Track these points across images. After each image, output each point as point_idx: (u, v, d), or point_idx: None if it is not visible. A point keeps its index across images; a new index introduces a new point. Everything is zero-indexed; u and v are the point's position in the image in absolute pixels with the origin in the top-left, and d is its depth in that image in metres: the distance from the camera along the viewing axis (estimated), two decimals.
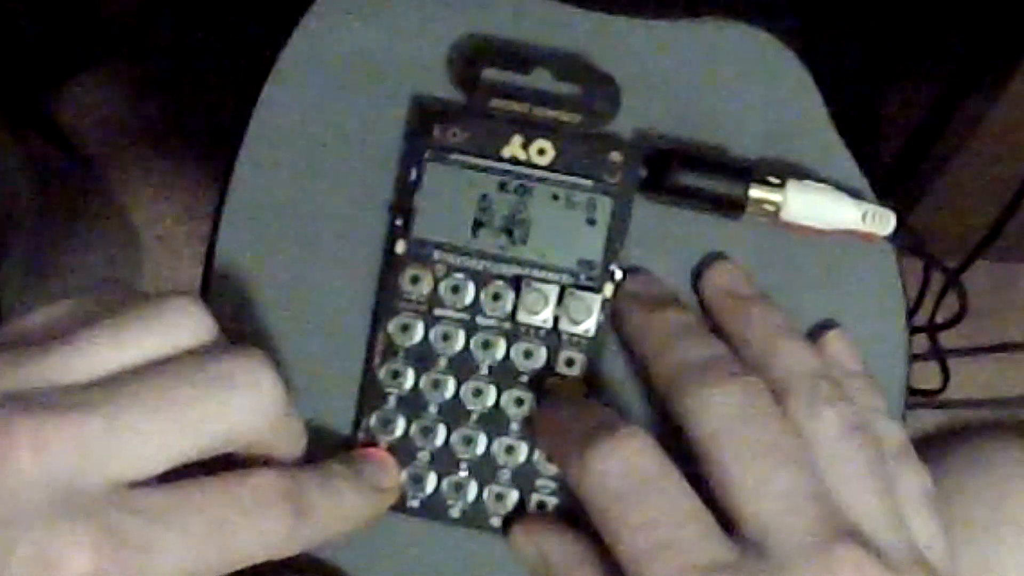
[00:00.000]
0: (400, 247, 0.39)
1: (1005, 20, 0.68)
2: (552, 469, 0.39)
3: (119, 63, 0.99)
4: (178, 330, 0.33)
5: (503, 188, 0.39)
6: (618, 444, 0.34)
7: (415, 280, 0.39)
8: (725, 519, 0.34)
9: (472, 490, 0.39)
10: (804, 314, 0.40)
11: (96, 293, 0.34)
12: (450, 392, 0.39)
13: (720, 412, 0.35)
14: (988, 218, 0.75)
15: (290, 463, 0.35)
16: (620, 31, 0.41)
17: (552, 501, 0.39)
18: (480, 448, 0.39)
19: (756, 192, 0.39)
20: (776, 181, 0.39)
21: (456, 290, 0.39)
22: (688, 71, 0.41)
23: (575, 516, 0.37)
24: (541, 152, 0.39)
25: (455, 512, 0.39)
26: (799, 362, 0.37)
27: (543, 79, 0.40)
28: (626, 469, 0.34)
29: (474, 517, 0.39)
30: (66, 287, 0.86)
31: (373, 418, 0.39)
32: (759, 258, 0.40)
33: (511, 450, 0.39)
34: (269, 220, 0.40)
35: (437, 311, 0.39)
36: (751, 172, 0.39)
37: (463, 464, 0.39)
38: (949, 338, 0.58)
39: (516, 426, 0.39)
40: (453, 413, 0.39)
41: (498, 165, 0.39)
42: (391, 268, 0.39)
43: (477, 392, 0.39)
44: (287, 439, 0.35)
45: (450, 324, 0.39)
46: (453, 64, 0.41)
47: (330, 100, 0.41)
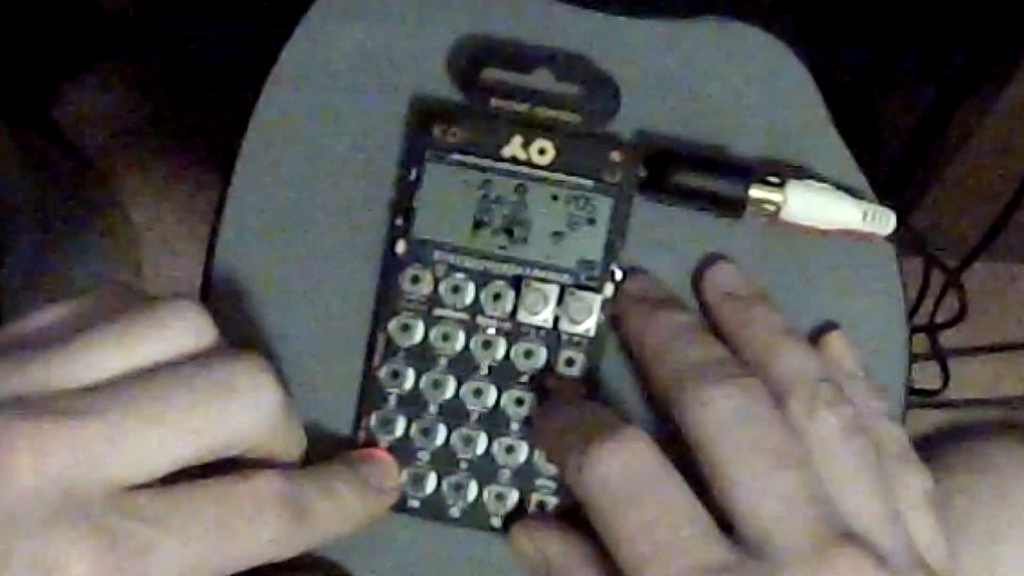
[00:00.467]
0: (400, 247, 0.39)
1: (1005, 20, 0.68)
2: (552, 469, 0.39)
3: (119, 63, 0.99)
4: (178, 334, 0.33)
5: (503, 188, 0.39)
6: (618, 445, 0.34)
7: (415, 280, 0.39)
8: (724, 520, 0.34)
9: (472, 490, 0.39)
10: (804, 314, 0.40)
11: (96, 293, 0.34)
12: (450, 392, 0.39)
13: (719, 413, 0.35)
14: (988, 218, 0.75)
15: (290, 466, 0.35)
16: (620, 31, 0.41)
17: (552, 501, 0.39)
18: (480, 448, 0.39)
19: (756, 192, 0.39)
20: (776, 181, 0.39)
21: (456, 290, 0.39)
22: (688, 71, 0.41)
23: (575, 516, 0.37)
24: (541, 152, 0.39)
25: (455, 512, 0.39)
26: (799, 364, 0.37)
27: (543, 79, 0.40)
28: (625, 470, 0.34)
29: (474, 517, 0.39)
30: (66, 287, 0.86)
31: (373, 418, 0.39)
32: (759, 258, 0.40)
33: (511, 450, 0.39)
34: (269, 220, 0.40)
35: (437, 311, 0.39)
36: (751, 172, 0.39)
37: (463, 464, 0.39)
38: (949, 338, 0.58)
39: (516, 426, 0.39)
40: (453, 413, 0.39)
41: (498, 165, 0.39)
42: (391, 268, 0.39)
43: (477, 392, 0.39)
44: (287, 443, 0.35)
45: (450, 324, 0.39)
46: (453, 64, 0.41)
47: (330, 100, 0.41)
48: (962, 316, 0.50)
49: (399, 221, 0.39)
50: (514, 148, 0.39)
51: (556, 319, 0.39)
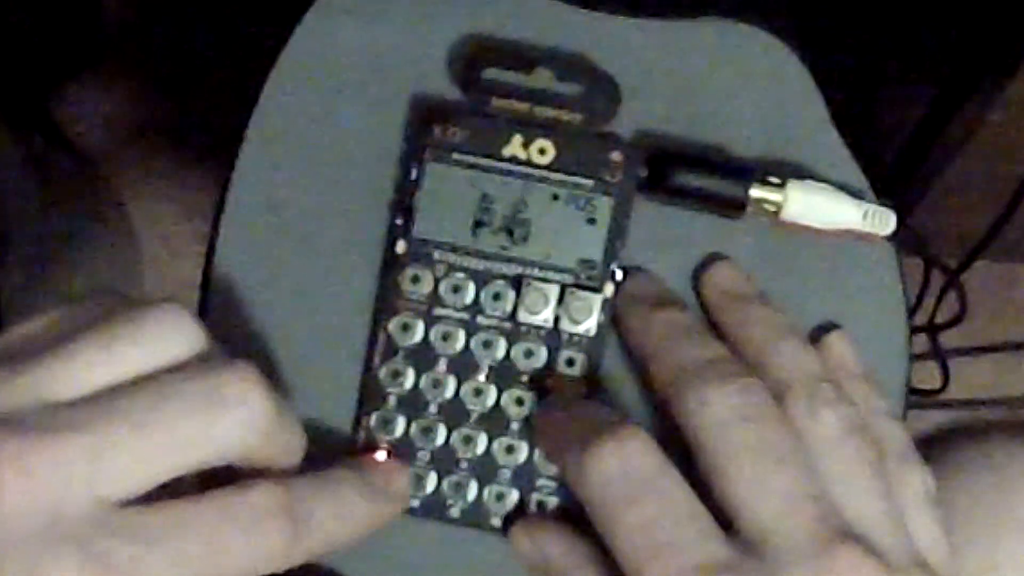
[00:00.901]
0: (400, 247, 0.39)
1: (1005, 20, 0.68)
2: (552, 469, 0.39)
3: (119, 63, 0.99)
4: (166, 342, 0.32)
5: (504, 187, 0.39)
6: (617, 444, 0.34)
7: (415, 280, 0.39)
8: (724, 519, 0.34)
9: (472, 490, 0.39)
10: (804, 314, 0.40)
11: (84, 302, 0.33)
12: (450, 392, 0.39)
13: (719, 412, 0.35)
14: (988, 218, 0.75)
15: (288, 471, 0.35)
16: (620, 31, 0.41)
17: (552, 501, 0.39)
18: (480, 448, 0.39)
19: (756, 192, 0.39)
20: (776, 181, 0.39)
21: (456, 290, 0.39)
22: (688, 71, 0.41)
23: (575, 516, 0.37)
24: (541, 152, 0.39)
25: (455, 512, 0.39)
26: (799, 363, 0.37)
27: (543, 79, 0.40)
28: (625, 469, 0.34)
29: (474, 517, 0.39)
30: (66, 287, 0.86)
31: (373, 418, 0.39)
32: (759, 258, 0.40)
33: (511, 450, 0.39)
34: (269, 220, 0.40)
35: (437, 311, 0.39)
36: (751, 172, 0.39)
37: (463, 464, 0.39)
38: (949, 338, 0.58)
39: (516, 426, 0.39)
40: (453, 413, 0.39)
41: (498, 165, 0.39)
42: (391, 268, 0.39)
43: (477, 392, 0.39)
44: (283, 450, 0.34)
45: (450, 324, 0.39)
46: (453, 64, 0.41)
47: (330, 100, 0.41)
48: (962, 316, 0.50)
49: (399, 221, 0.39)
50: (514, 148, 0.39)
51: (556, 319, 0.39)
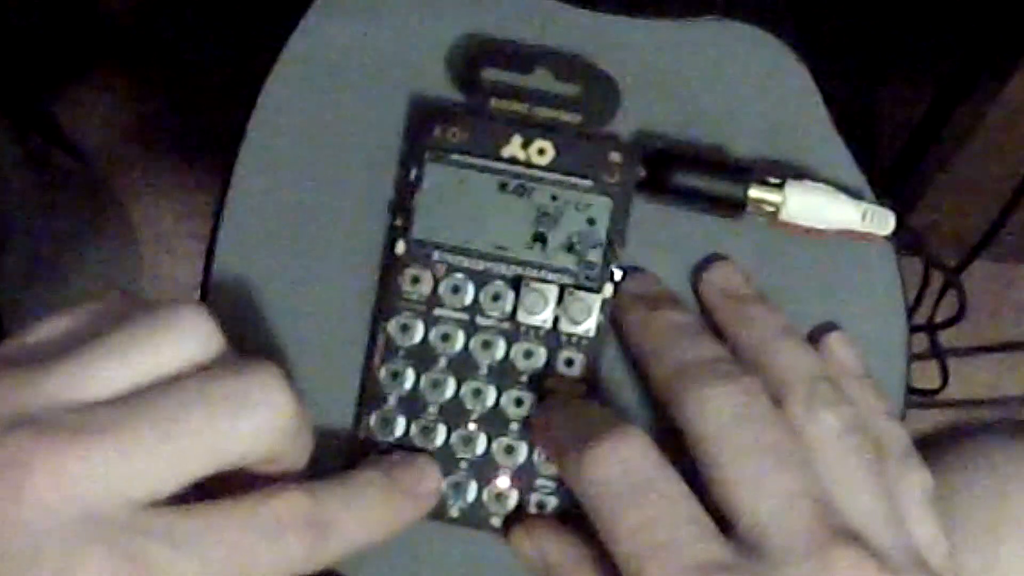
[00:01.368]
0: (400, 247, 0.39)
1: (1004, 20, 0.68)
2: (551, 469, 0.39)
3: (119, 63, 0.99)
4: (187, 343, 0.32)
5: (503, 188, 0.39)
6: (616, 445, 0.34)
7: (415, 280, 0.39)
8: (723, 520, 0.34)
9: (472, 490, 0.39)
10: (804, 314, 0.40)
11: (99, 301, 0.34)
12: (450, 392, 0.39)
13: (718, 413, 0.35)
14: (988, 218, 0.75)
15: (299, 468, 0.35)
16: (620, 31, 0.41)
17: (552, 501, 0.39)
18: (480, 448, 0.39)
19: (756, 192, 0.39)
20: (775, 181, 0.39)
21: (456, 290, 0.39)
22: (688, 71, 0.41)
23: (575, 516, 0.37)
24: (541, 152, 0.39)
25: (455, 512, 0.39)
26: (798, 363, 0.37)
27: (543, 79, 0.40)
28: (624, 470, 0.34)
29: (474, 517, 0.39)
30: (67, 287, 0.86)
31: (373, 418, 0.39)
32: (759, 258, 0.40)
33: (511, 450, 0.39)
34: (269, 220, 0.40)
35: (437, 311, 0.39)
36: (751, 172, 0.39)
37: (463, 464, 0.39)
38: (949, 338, 0.59)
39: (516, 426, 0.39)
40: (453, 413, 0.39)
41: (498, 165, 0.39)
42: (391, 268, 0.39)
43: (477, 392, 0.39)
44: (298, 450, 0.34)
45: (450, 324, 0.39)
46: (453, 64, 0.41)
47: (330, 100, 0.41)
48: (961, 316, 0.50)
49: (399, 221, 0.39)
50: (514, 148, 0.39)
51: (556, 319, 0.39)
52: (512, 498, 0.39)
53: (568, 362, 0.39)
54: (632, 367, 0.39)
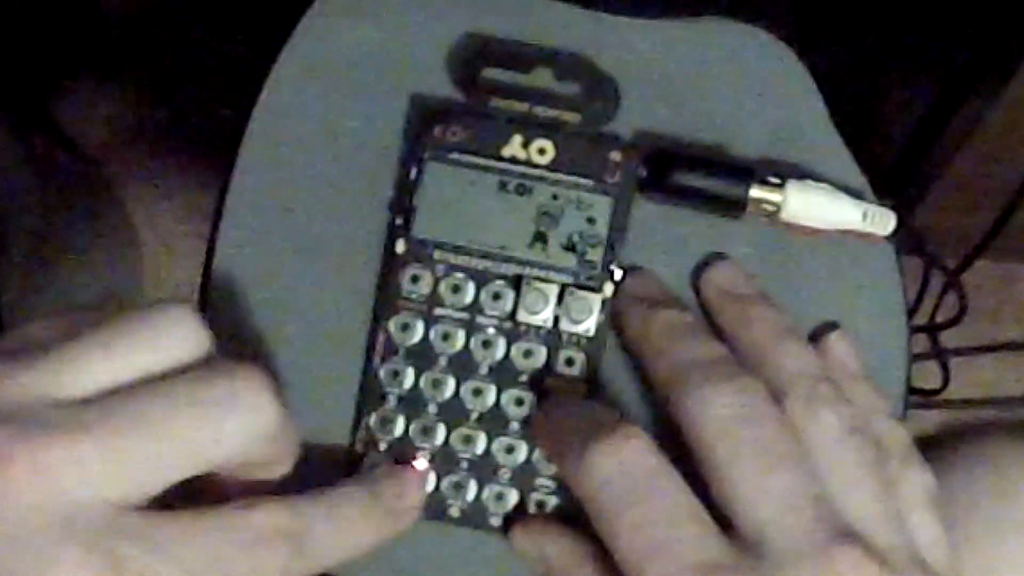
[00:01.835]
0: (400, 247, 0.39)
1: (1005, 20, 0.68)
2: (552, 469, 0.39)
3: (119, 63, 0.99)
4: (172, 343, 0.32)
5: (503, 187, 0.39)
6: (617, 444, 0.34)
7: (415, 280, 0.39)
8: (723, 519, 0.34)
9: (472, 490, 0.39)
10: (804, 314, 0.40)
11: (88, 307, 0.33)
12: (450, 392, 0.39)
13: (719, 412, 0.35)
14: (988, 218, 0.75)
15: (283, 475, 0.35)
16: (620, 31, 0.41)
17: (552, 501, 0.39)
18: (480, 448, 0.39)
19: (756, 192, 0.39)
20: (776, 181, 0.39)
21: (456, 290, 0.39)
22: (688, 71, 0.41)
23: (575, 516, 0.37)
24: (541, 152, 0.39)
25: (455, 512, 0.39)
26: (798, 363, 0.37)
27: (543, 79, 0.40)
28: (624, 469, 0.34)
29: (474, 517, 0.39)
30: (67, 287, 0.86)
31: (373, 418, 0.39)
32: (759, 258, 0.40)
33: (511, 450, 0.39)
34: (269, 220, 0.40)
35: (437, 311, 0.39)
36: (751, 172, 0.39)
37: (463, 464, 0.39)
38: (949, 338, 0.59)
39: (516, 426, 0.39)
40: (453, 413, 0.39)
41: (498, 165, 0.39)
42: (391, 268, 0.39)
43: (477, 392, 0.39)
44: (282, 455, 0.34)
45: (450, 324, 0.39)
46: (453, 64, 0.41)
47: (330, 100, 0.41)
48: (962, 316, 0.50)
49: (399, 221, 0.39)
50: (514, 148, 0.39)
51: (556, 319, 0.39)
52: (512, 498, 0.39)
53: (568, 362, 0.39)
54: (632, 367, 0.39)
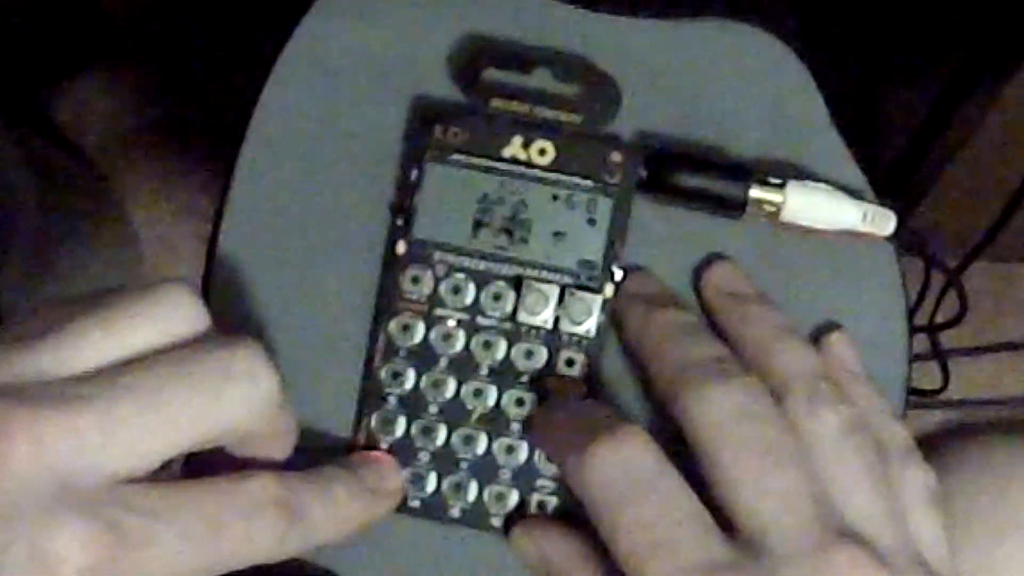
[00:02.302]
0: (400, 247, 0.39)
1: (1005, 21, 0.68)
2: (552, 469, 0.39)
3: (119, 63, 0.99)
4: (170, 319, 0.32)
5: (503, 188, 0.39)
6: (617, 444, 0.34)
7: (415, 280, 0.39)
8: (723, 519, 0.34)
9: (472, 490, 0.39)
10: (804, 314, 0.40)
11: (89, 292, 0.34)
12: (450, 392, 0.39)
13: (719, 412, 0.35)
14: (988, 218, 0.75)
15: (281, 457, 0.35)
16: (620, 31, 0.41)
17: (552, 501, 0.39)
18: (480, 448, 0.39)
19: (756, 192, 0.39)
20: (776, 181, 0.39)
21: (456, 290, 0.39)
22: (688, 71, 0.41)
23: (575, 516, 0.37)
24: (541, 152, 0.39)
25: (455, 512, 0.39)
26: (798, 363, 0.37)
27: (543, 79, 0.40)
28: (625, 469, 0.34)
29: (474, 517, 0.39)
30: (66, 287, 0.86)
31: (373, 418, 0.39)
32: (759, 258, 0.40)
33: (511, 450, 0.39)
34: (269, 220, 0.40)
35: (437, 311, 0.39)
36: (751, 172, 0.39)
37: (463, 464, 0.39)
38: (949, 338, 0.58)
39: (516, 426, 0.39)
40: (453, 413, 0.39)
41: (498, 165, 0.39)
42: (391, 268, 0.39)
43: (477, 392, 0.39)
44: (280, 431, 0.35)
45: (451, 324, 0.39)
46: (453, 64, 0.41)
47: (330, 100, 0.41)
48: (962, 316, 0.50)
49: (399, 221, 0.39)
50: (514, 148, 0.39)
51: (556, 319, 0.39)
52: (512, 498, 0.39)
53: (569, 362, 0.39)
54: (632, 367, 0.39)
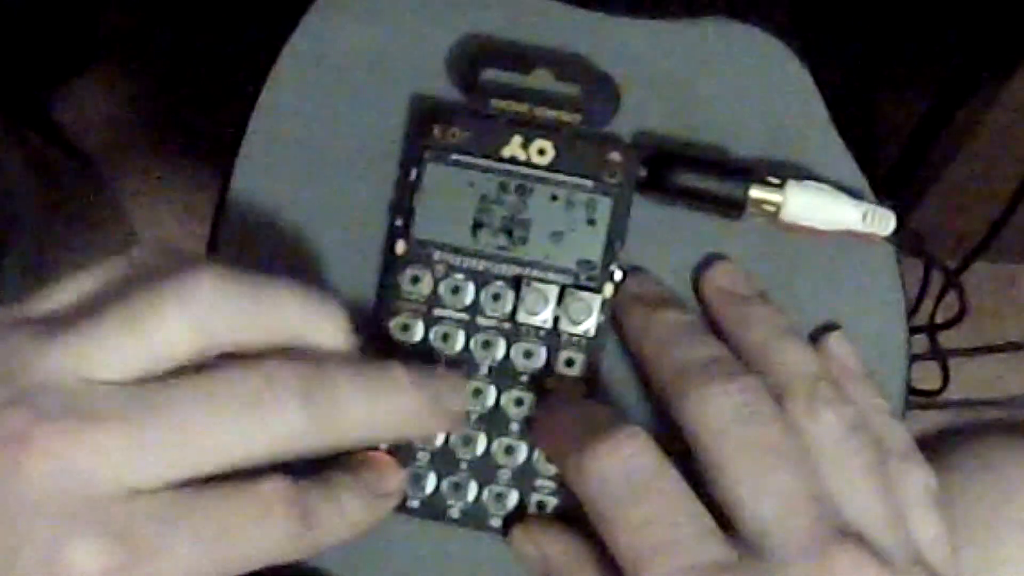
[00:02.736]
0: (400, 247, 0.39)
1: (1004, 21, 0.68)
2: (552, 469, 0.39)
3: (119, 63, 0.99)
4: (210, 321, 0.32)
5: (503, 188, 0.39)
6: (617, 444, 0.34)
7: (415, 280, 0.39)
8: (724, 519, 0.34)
9: (472, 490, 0.39)
10: (804, 314, 0.40)
11: (127, 258, 0.33)
12: None
13: (719, 412, 0.35)
14: (988, 218, 0.75)
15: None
16: (620, 31, 0.41)
17: (552, 501, 0.39)
18: (480, 448, 0.39)
19: (756, 192, 0.39)
20: (776, 181, 0.39)
21: (456, 290, 0.39)
22: (688, 71, 0.41)
23: (575, 516, 0.37)
24: (541, 152, 0.39)
25: (455, 512, 0.39)
26: (798, 363, 0.37)
27: (543, 79, 0.40)
28: (625, 469, 0.34)
29: (474, 517, 0.39)
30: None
31: None
32: (759, 258, 0.40)
33: (511, 450, 0.39)
34: (269, 220, 0.40)
35: (437, 311, 0.39)
36: (751, 172, 0.39)
37: (463, 464, 0.39)
38: (949, 338, 0.58)
39: (516, 426, 0.39)
40: None
41: (498, 165, 0.39)
42: (391, 268, 0.39)
43: (477, 392, 0.39)
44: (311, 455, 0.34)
45: (450, 324, 0.39)
46: (453, 64, 0.41)
47: (330, 100, 0.41)
48: (962, 316, 0.50)
49: (399, 221, 0.39)
50: (514, 148, 0.39)
51: (556, 319, 0.39)
52: (512, 498, 0.39)
53: (568, 362, 0.39)
54: (632, 367, 0.39)
